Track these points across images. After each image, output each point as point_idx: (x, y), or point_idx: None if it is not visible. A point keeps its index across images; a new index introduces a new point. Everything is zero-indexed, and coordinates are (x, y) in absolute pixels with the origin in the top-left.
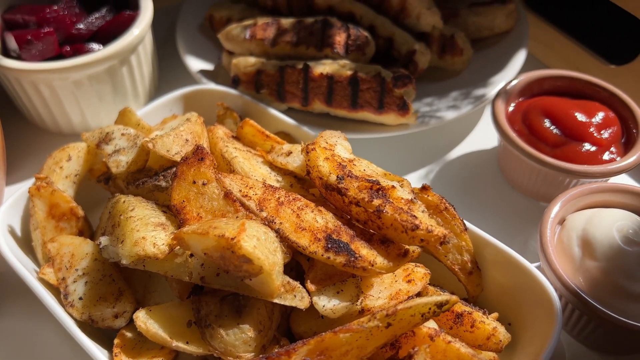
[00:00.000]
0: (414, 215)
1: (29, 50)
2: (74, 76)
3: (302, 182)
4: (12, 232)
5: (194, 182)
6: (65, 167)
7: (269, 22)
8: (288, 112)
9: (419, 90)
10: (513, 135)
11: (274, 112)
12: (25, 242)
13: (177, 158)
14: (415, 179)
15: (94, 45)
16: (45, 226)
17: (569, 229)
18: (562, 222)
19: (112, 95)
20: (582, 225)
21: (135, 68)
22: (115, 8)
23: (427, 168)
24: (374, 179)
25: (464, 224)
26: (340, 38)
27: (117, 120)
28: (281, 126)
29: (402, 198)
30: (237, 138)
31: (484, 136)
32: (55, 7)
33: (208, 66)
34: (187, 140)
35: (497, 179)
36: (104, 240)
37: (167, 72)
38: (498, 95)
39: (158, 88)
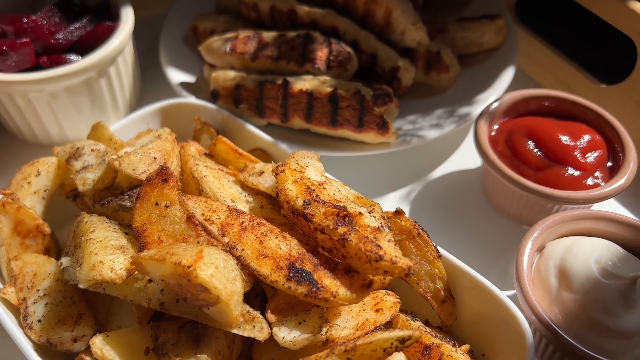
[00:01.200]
0: (379, 245)
1: (4, 60)
2: (49, 88)
3: (274, 202)
4: None
5: (157, 204)
6: (33, 183)
7: (251, 35)
8: (268, 127)
9: (402, 107)
10: (494, 157)
11: (251, 128)
12: None
13: (143, 177)
14: (396, 199)
15: (72, 57)
16: (10, 243)
17: (547, 257)
18: (541, 249)
19: (90, 106)
20: (560, 255)
21: (114, 80)
22: (97, 18)
23: (409, 187)
24: (342, 204)
25: (438, 250)
26: (322, 53)
27: (90, 134)
28: (259, 143)
29: (369, 226)
30: (210, 155)
31: (468, 155)
32: (34, 17)
33: (190, 78)
34: (155, 158)
35: (480, 201)
36: (65, 261)
37: (150, 83)
38: (482, 115)
39: (140, 99)
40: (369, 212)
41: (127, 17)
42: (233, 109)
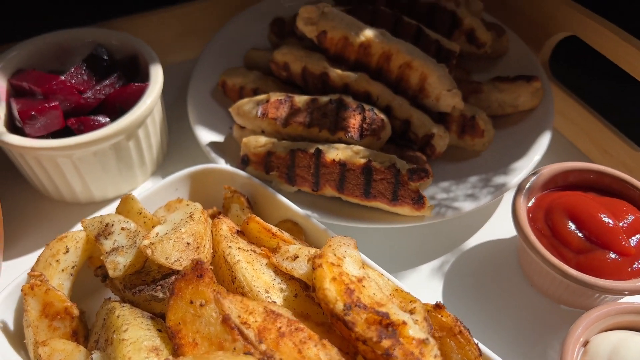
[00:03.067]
0: None
1: (32, 125)
2: (78, 153)
3: (308, 288)
4: (4, 329)
5: (192, 302)
6: (62, 260)
7: (282, 99)
8: (298, 192)
9: (434, 171)
10: (535, 240)
11: (282, 199)
12: (19, 338)
13: (177, 266)
14: (428, 271)
15: (100, 118)
16: (38, 325)
17: (593, 355)
18: (585, 343)
19: (117, 167)
20: (606, 354)
21: (142, 140)
22: (125, 73)
23: (442, 259)
24: (384, 310)
25: (479, 349)
26: (354, 121)
27: (119, 207)
28: (289, 214)
29: (414, 338)
30: (241, 233)
31: (502, 223)
32: (63, 78)
33: (218, 137)
34: (188, 244)
35: (516, 276)
36: (96, 357)
37: (176, 135)
38: (519, 189)
39: (167, 154)
40: (411, 313)
41: (157, 76)
42: (263, 175)
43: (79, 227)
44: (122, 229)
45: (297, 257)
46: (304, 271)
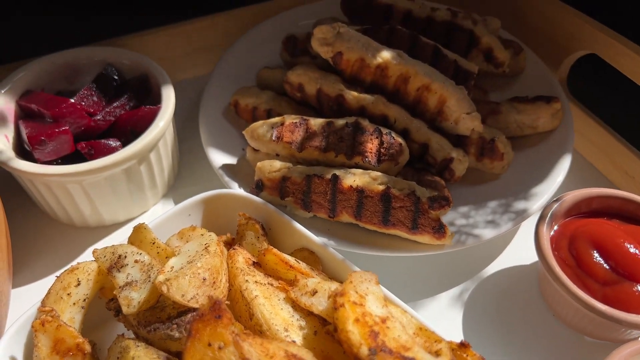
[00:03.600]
0: None
1: (42, 150)
2: (89, 179)
3: (326, 323)
4: None
5: (210, 344)
6: (73, 294)
7: (297, 122)
8: (314, 218)
9: (453, 194)
10: (560, 272)
11: (298, 227)
12: None
13: (193, 304)
14: (447, 300)
15: (111, 142)
16: None
17: None
18: None
19: (128, 190)
20: None
21: (154, 164)
22: (136, 96)
23: (461, 287)
24: (411, 355)
25: None
26: (372, 145)
27: (132, 236)
28: (305, 242)
29: None
30: (258, 264)
31: (522, 249)
32: (72, 100)
33: (231, 159)
34: (204, 279)
35: (538, 304)
36: None
37: (188, 156)
38: (542, 218)
39: (178, 174)
40: (437, 354)
41: (169, 98)
42: (278, 201)
43: (89, 255)
44: (136, 261)
45: (316, 291)
46: (324, 307)
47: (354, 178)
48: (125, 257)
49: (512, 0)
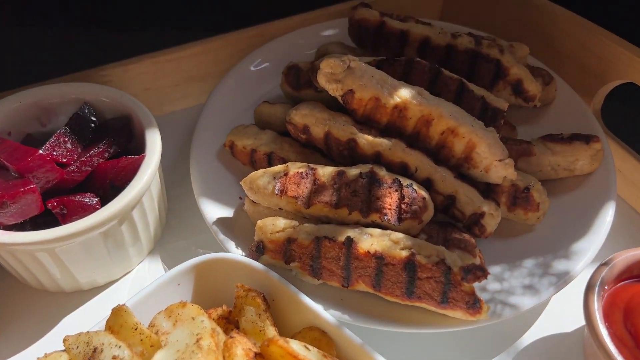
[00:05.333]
0: None
1: (4, 213)
2: (60, 246)
3: None
4: None
5: None
6: None
7: (303, 172)
8: (324, 284)
9: (482, 249)
10: (616, 355)
11: (308, 303)
12: None
13: None
14: None
15: (87, 199)
16: None
17: None
18: None
19: (107, 253)
20: None
21: (137, 222)
22: (116, 141)
23: None
24: None
25: None
26: (391, 200)
27: (110, 320)
28: (316, 321)
29: None
30: (260, 355)
31: (562, 313)
32: (41, 152)
33: (226, 211)
34: None
35: None
36: None
37: (177, 203)
38: (590, 287)
39: (166, 225)
40: None
41: (154, 146)
42: (282, 265)
43: (64, 326)
44: (114, 357)
45: None
46: None
47: (371, 241)
48: (102, 350)
49: (539, 24)
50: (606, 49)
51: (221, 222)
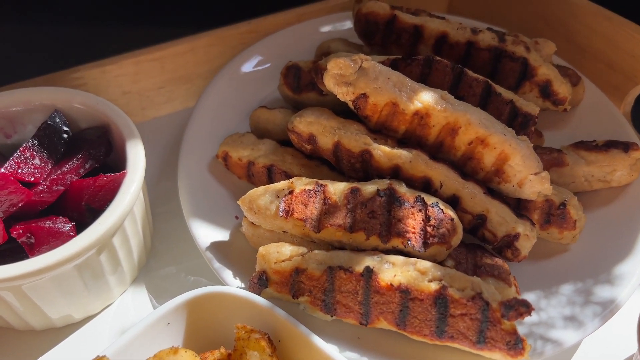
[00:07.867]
0: None
1: None
2: (27, 283)
3: None
4: None
5: None
6: None
7: (311, 189)
8: (338, 320)
9: (513, 273)
10: None
11: (319, 343)
12: None
13: None
14: None
15: (59, 224)
16: None
17: None
18: None
19: (84, 286)
20: None
21: (118, 249)
22: (92, 155)
23: None
24: None
25: None
26: (414, 223)
27: None
28: None
29: None
30: None
31: (603, 341)
32: (2, 170)
33: (222, 234)
34: None
35: None
36: None
37: (163, 224)
38: None
39: (151, 250)
40: None
41: (136, 161)
42: (288, 298)
43: None
44: None
45: None
46: None
47: (394, 272)
48: None
49: (560, 18)
50: (638, 46)
51: (215, 246)
